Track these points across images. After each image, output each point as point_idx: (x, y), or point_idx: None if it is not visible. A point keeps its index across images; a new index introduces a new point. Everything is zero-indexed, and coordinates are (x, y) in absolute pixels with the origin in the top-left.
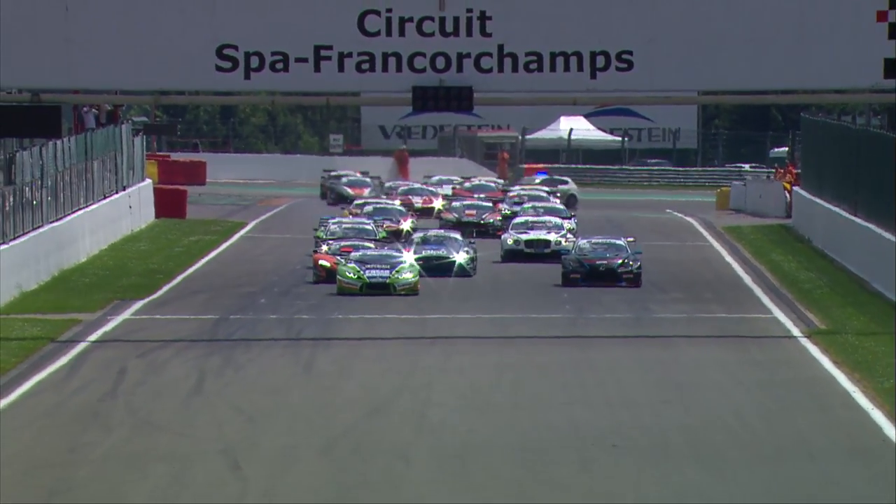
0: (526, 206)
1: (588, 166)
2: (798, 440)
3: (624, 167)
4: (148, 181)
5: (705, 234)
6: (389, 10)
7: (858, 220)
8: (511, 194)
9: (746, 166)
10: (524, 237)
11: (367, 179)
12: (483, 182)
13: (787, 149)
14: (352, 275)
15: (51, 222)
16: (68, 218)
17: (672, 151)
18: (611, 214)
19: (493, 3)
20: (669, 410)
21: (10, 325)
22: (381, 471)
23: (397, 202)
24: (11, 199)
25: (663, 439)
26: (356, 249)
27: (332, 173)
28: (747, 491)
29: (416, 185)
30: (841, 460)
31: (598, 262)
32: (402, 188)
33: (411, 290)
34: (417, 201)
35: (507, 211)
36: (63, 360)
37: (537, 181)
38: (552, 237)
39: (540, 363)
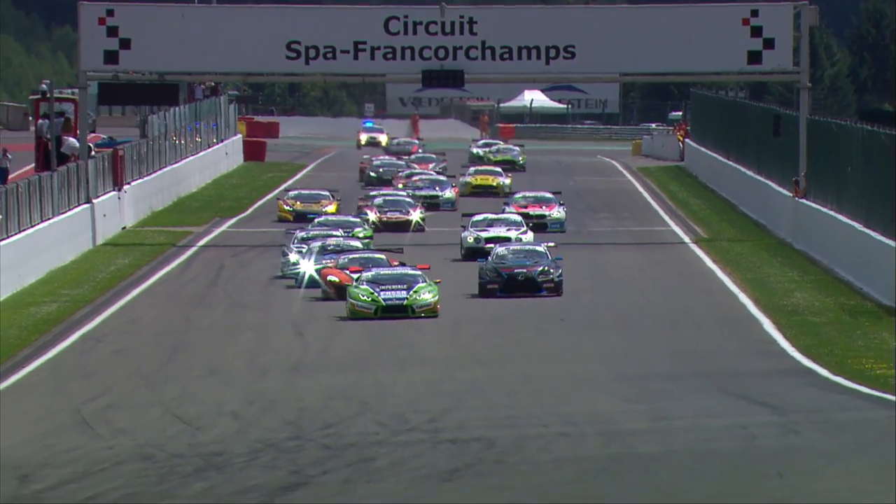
0: (517, 196)
1: (543, 125)
2: (688, 314)
3: (568, 126)
4: (238, 136)
5: (624, 172)
6: (406, 17)
7: (730, 163)
8: (415, 178)
9: (653, 125)
10: (484, 234)
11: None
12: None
13: (681, 113)
14: (366, 297)
15: (172, 164)
16: (183, 161)
17: (601, 115)
18: (559, 159)
19: (478, 12)
20: (600, 295)
21: (144, 235)
22: (401, 335)
23: (400, 185)
24: (145, 148)
25: (595, 314)
26: (367, 268)
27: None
28: (653, 348)
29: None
30: (717, 327)
31: (516, 271)
32: (405, 172)
33: (431, 312)
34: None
35: (409, 193)
36: (180, 259)
37: (369, 126)
38: (512, 234)
39: None
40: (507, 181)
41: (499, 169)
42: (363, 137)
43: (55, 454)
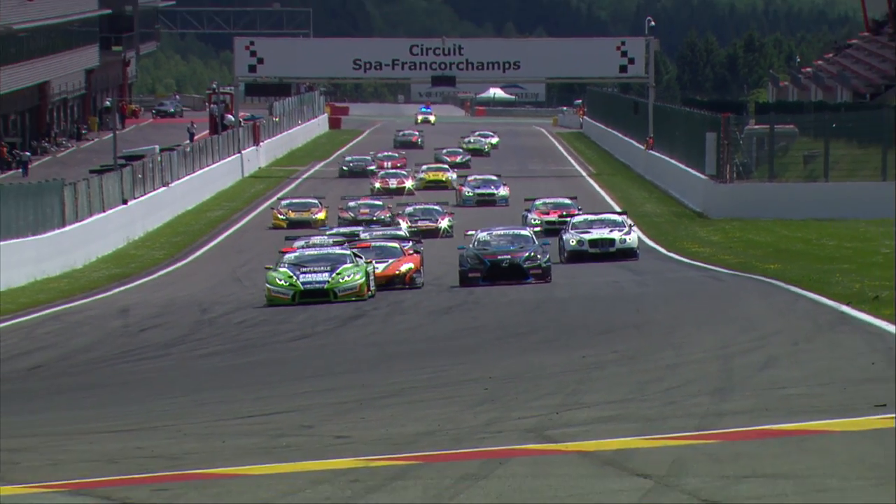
0: (538, 202)
1: (502, 108)
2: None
3: (516, 108)
4: (325, 114)
5: (548, 135)
6: (422, 45)
7: (609, 130)
8: (469, 178)
9: (564, 108)
10: (587, 237)
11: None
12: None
13: (581, 100)
14: (283, 281)
15: (287, 130)
16: (293, 130)
17: (535, 102)
18: (511, 129)
19: (464, 42)
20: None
21: (271, 171)
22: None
23: (377, 183)
24: (272, 121)
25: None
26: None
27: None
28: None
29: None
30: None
31: (500, 258)
32: (381, 172)
33: (357, 296)
34: (393, 183)
35: (467, 192)
36: (291, 185)
37: (423, 110)
38: (616, 235)
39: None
40: (454, 175)
41: (446, 166)
42: (419, 117)
43: (221, 297)
